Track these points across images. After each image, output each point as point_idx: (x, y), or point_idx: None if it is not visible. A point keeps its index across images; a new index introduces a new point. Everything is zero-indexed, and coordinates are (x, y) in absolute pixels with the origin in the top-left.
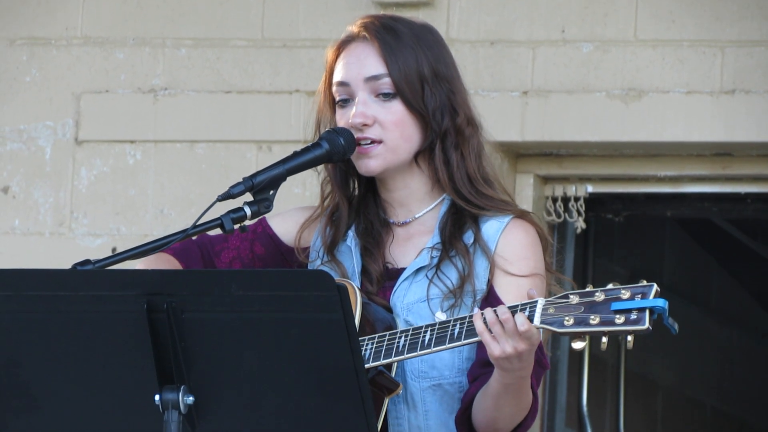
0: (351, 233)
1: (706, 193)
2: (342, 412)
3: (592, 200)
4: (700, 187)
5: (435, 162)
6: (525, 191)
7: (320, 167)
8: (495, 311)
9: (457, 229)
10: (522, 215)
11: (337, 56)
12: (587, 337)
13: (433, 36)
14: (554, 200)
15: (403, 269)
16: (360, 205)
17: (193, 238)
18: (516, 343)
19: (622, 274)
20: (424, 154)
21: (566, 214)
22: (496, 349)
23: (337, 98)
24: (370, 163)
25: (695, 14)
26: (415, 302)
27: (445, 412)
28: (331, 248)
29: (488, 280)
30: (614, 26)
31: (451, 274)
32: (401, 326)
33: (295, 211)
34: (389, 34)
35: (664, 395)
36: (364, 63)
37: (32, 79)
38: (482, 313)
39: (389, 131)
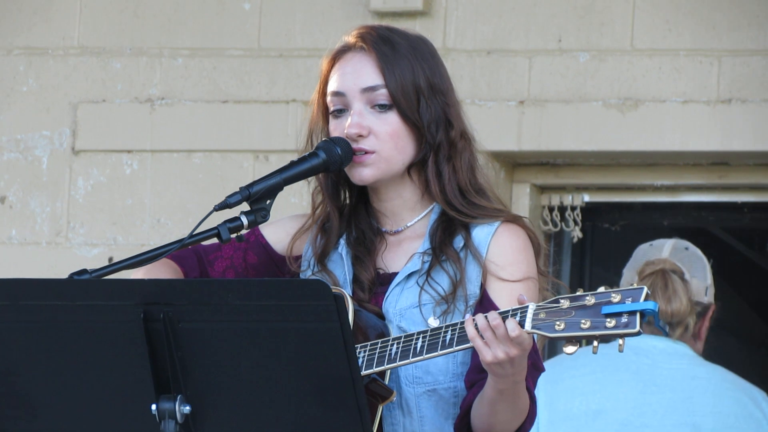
0: (342, 242)
1: (703, 202)
2: (338, 421)
3: (589, 209)
4: (697, 196)
5: (427, 174)
6: (521, 200)
7: (311, 178)
8: (486, 317)
9: (448, 235)
10: (513, 220)
11: (332, 66)
12: (579, 342)
13: (428, 48)
14: (551, 209)
15: (395, 274)
16: (351, 215)
17: (189, 247)
18: (507, 349)
19: (618, 283)
20: (416, 166)
21: (563, 224)
22: (488, 354)
23: (332, 108)
24: (363, 172)
25: (692, 23)
26: (407, 308)
27: (440, 418)
28: (322, 258)
29: (481, 285)
30: (611, 35)
31: (443, 280)
32: (394, 332)
33: (287, 220)
34: (386, 45)
35: None
36: (361, 73)
37: (29, 89)
38: (474, 319)
39: (384, 142)
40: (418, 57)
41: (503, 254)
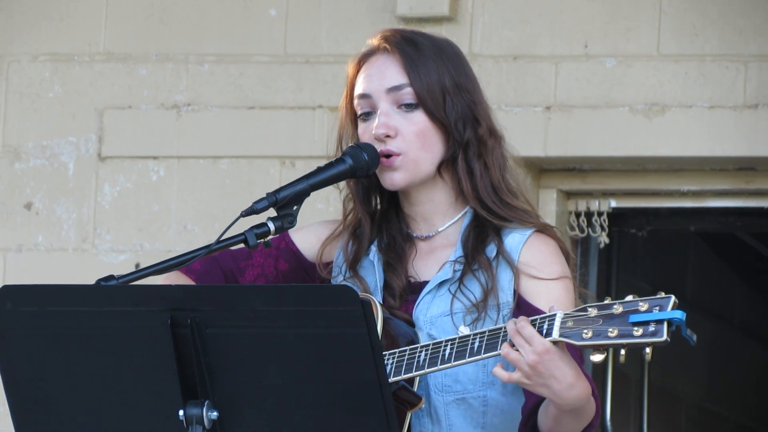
0: (374, 248)
1: (730, 207)
2: (365, 427)
3: (616, 215)
4: (724, 201)
5: (458, 172)
6: (548, 206)
7: (341, 184)
8: (514, 322)
9: (480, 242)
10: (544, 229)
11: (358, 70)
12: (606, 350)
13: (453, 49)
14: (577, 215)
15: (426, 282)
16: (382, 220)
17: (216, 255)
18: (530, 351)
19: (645, 288)
20: (447, 166)
21: (589, 229)
22: (523, 364)
23: (359, 112)
24: (395, 177)
25: (718, 29)
26: (438, 316)
27: (469, 426)
28: (353, 264)
29: (514, 291)
30: (637, 41)
31: (474, 288)
32: (424, 340)
33: (317, 226)
34: (410, 46)
35: (687, 410)
36: (386, 74)
37: (55, 95)
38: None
39: (411, 143)
40: (442, 57)
41: (536, 257)
